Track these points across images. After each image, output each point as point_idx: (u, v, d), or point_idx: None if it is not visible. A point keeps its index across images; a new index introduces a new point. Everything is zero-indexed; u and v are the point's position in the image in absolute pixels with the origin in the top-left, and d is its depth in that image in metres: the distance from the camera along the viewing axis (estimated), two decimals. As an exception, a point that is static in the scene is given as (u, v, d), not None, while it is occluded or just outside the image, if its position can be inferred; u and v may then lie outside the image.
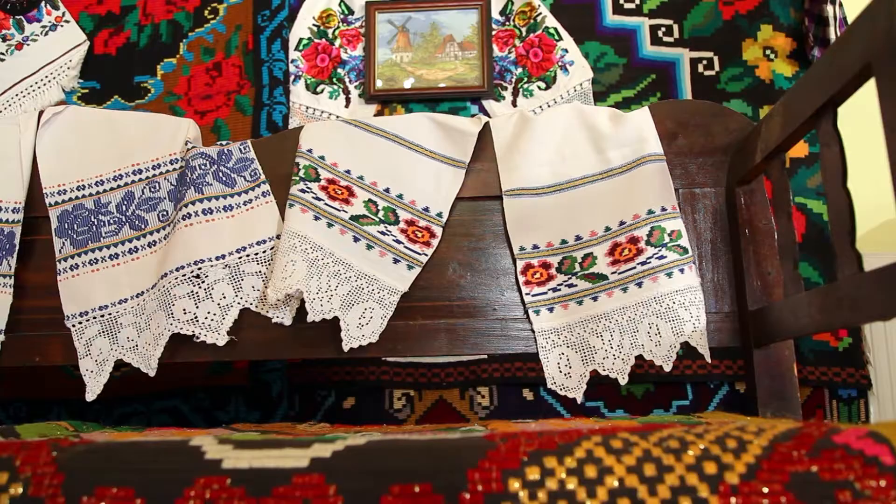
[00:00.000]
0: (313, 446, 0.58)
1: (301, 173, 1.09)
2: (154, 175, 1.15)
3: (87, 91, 1.64)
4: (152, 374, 1.07)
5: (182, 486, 0.56)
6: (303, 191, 1.08)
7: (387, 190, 1.11)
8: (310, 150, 1.11)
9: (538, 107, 1.63)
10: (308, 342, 1.08)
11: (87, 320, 1.11)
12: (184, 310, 1.05)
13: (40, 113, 1.19)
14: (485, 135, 1.13)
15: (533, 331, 1.06)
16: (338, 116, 1.66)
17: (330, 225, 1.07)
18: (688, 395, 1.54)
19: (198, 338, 1.05)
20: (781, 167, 0.91)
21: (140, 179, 1.15)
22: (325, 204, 1.08)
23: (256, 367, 1.51)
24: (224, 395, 1.50)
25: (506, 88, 1.66)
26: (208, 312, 1.05)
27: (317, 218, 1.07)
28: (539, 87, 1.65)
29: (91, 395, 1.09)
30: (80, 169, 1.16)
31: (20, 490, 0.57)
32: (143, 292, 1.11)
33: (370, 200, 1.10)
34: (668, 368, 1.01)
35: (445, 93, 1.65)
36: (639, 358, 1.03)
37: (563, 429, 0.60)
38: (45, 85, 1.62)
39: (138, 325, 1.10)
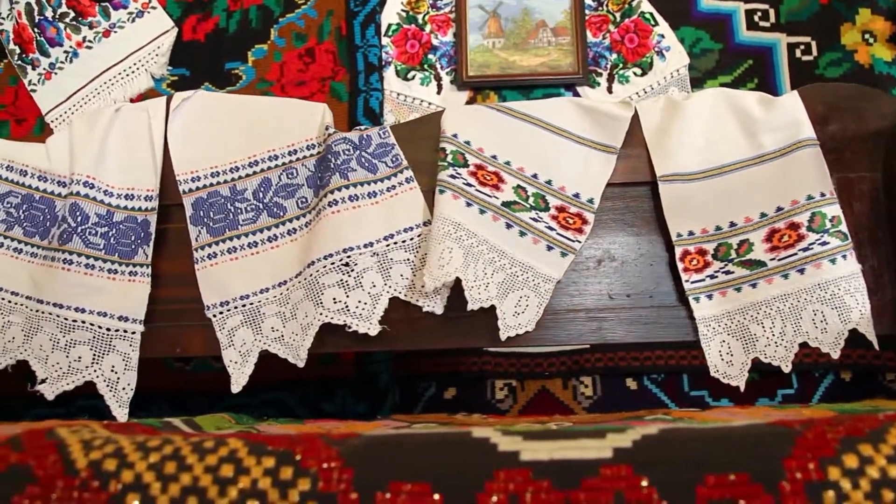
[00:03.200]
0: (608, 436, 0.56)
1: (449, 158, 1.06)
2: (291, 161, 1.12)
3: (176, 78, 1.61)
4: (302, 364, 1.05)
5: (482, 480, 0.53)
6: (453, 176, 1.05)
7: (535, 176, 1.09)
8: (455, 135, 1.09)
9: (634, 93, 1.61)
10: (460, 331, 1.06)
11: (229, 310, 1.08)
12: (334, 299, 1.02)
13: (169, 98, 1.15)
14: (631, 120, 1.11)
15: (693, 318, 1.04)
16: (430, 104, 1.63)
17: (482, 211, 1.05)
18: (793, 383, 1.53)
19: (349, 327, 1.02)
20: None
21: (276, 165, 1.12)
22: (476, 190, 1.06)
23: (362, 359, 1.48)
24: (330, 386, 1.47)
25: (600, 75, 1.63)
26: (359, 301, 1.03)
27: (469, 204, 1.04)
28: (635, 74, 1.62)
29: (237, 386, 1.07)
30: (214, 155, 1.13)
31: (308, 486, 0.54)
32: (285, 281, 1.08)
33: (519, 186, 1.08)
34: (835, 356, 0.99)
35: (540, 79, 1.63)
36: (802, 345, 1.02)
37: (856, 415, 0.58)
38: (133, 73, 1.59)
39: (283, 314, 1.07)
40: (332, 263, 1.03)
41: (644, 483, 0.53)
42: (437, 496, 0.53)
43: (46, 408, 1.47)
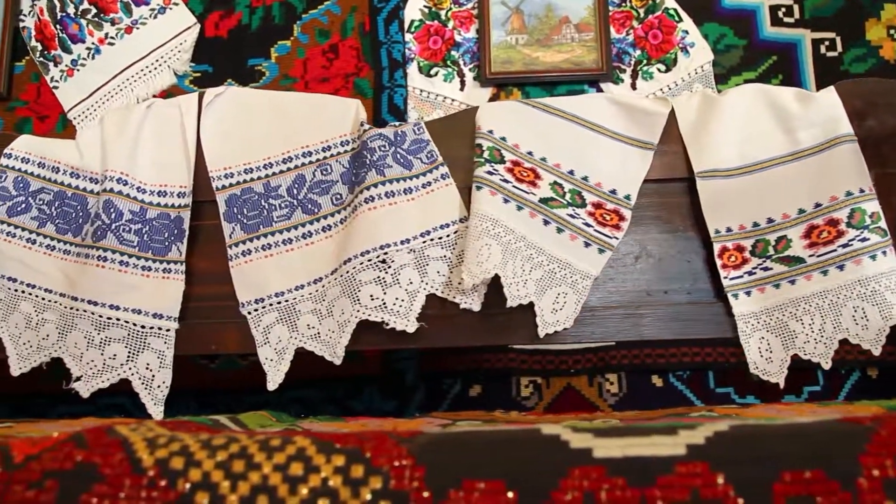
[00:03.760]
0: (680, 433, 0.55)
1: (485, 155, 1.06)
2: (325, 157, 1.11)
3: (199, 75, 1.60)
4: (338, 362, 1.04)
5: (557, 478, 0.53)
6: (489, 173, 1.05)
7: (571, 172, 1.08)
8: (491, 132, 1.08)
9: (658, 90, 1.61)
10: (498, 328, 1.05)
11: (264, 307, 1.08)
12: (371, 296, 1.02)
13: (200, 94, 1.15)
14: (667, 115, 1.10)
15: (731, 315, 1.04)
16: (453, 100, 1.63)
17: (519, 208, 1.04)
18: (818, 380, 1.53)
19: (386, 325, 1.02)
20: None
21: (310, 162, 1.12)
22: (513, 186, 1.05)
23: (389, 357, 1.48)
24: (358, 384, 1.47)
25: (624, 71, 1.63)
26: (396, 298, 1.02)
27: (506, 200, 1.04)
28: (659, 70, 1.62)
29: (272, 384, 1.06)
30: (247, 151, 1.12)
31: (379, 484, 0.54)
32: (321, 278, 1.07)
33: (556, 183, 1.07)
34: (876, 353, 0.99)
35: (563, 76, 1.62)
36: (842, 342, 1.01)
37: None
38: (156, 69, 1.58)
39: (319, 311, 1.07)
40: (369, 260, 1.02)
41: (720, 480, 0.52)
42: (510, 494, 0.53)
43: (71, 405, 1.47)
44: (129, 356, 1.06)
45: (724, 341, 1.50)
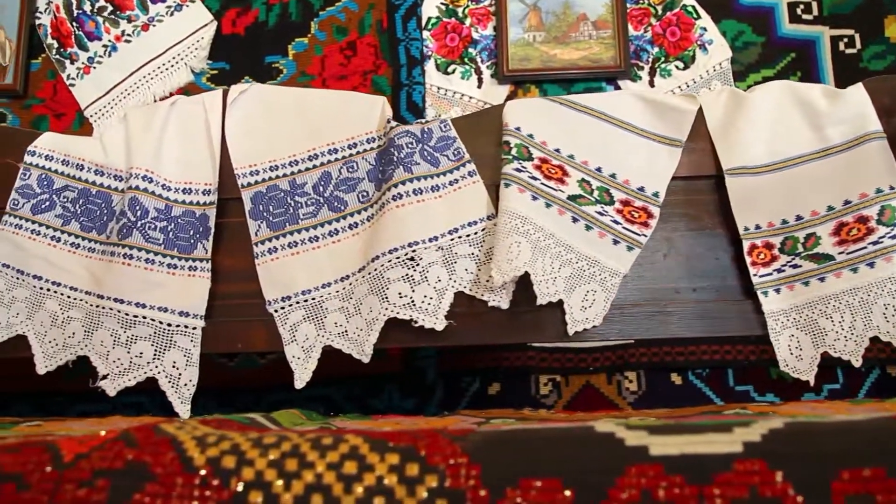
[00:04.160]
0: (735, 430, 0.55)
1: (513, 152, 1.05)
2: (351, 154, 1.11)
3: (216, 72, 1.60)
4: (366, 360, 1.04)
5: (613, 476, 0.53)
6: (518, 170, 1.04)
7: (598, 169, 1.08)
8: (518, 128, 1.08)
9: (676, 87, 1.60)
10: (525, 326, 1.05)
11: (290, 305, 1.07)
12: (399, 293, 1.02)
13: (225, 91, 1.14)
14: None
15: (760, 312, 1.04)
16: (470, 98, 1.62)
17: (548, 205, 1.04)
18: (838, 378, 1.53)
19: (415, 322, 1.01)
20: None
21: (336, 159, 1.11)
22: (542, 184, 1.05)
23: (409, 354, 1.47)
24: (377, 382, 1.47)
25: (642, 68, 1.62)
26: (425, 296, 1.02)
27: (535, 198, 1.03)
28: (677, 67, 1.62)
29: (300, 382, 1.06)
30: (272, 149, 1.12)
31: (435, 482, 0.53)
32: (348, 276, 1.07)
33: (583, 180, 1.07)
34: (908, 350, 0.98)
35: (581, 73, 1.62)
36: (873, 340, 1.01)
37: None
38: (172, 66, 1.58)
39: (346, 309, 1.06)
40: (398, 258, 1.02)
41: (778, 478, 0.52)
42: (567, 492, 0.52)
43: (90, 404, 1.47)
44: (155, 354, 1.05)
45: (743, 339, 1.50)
